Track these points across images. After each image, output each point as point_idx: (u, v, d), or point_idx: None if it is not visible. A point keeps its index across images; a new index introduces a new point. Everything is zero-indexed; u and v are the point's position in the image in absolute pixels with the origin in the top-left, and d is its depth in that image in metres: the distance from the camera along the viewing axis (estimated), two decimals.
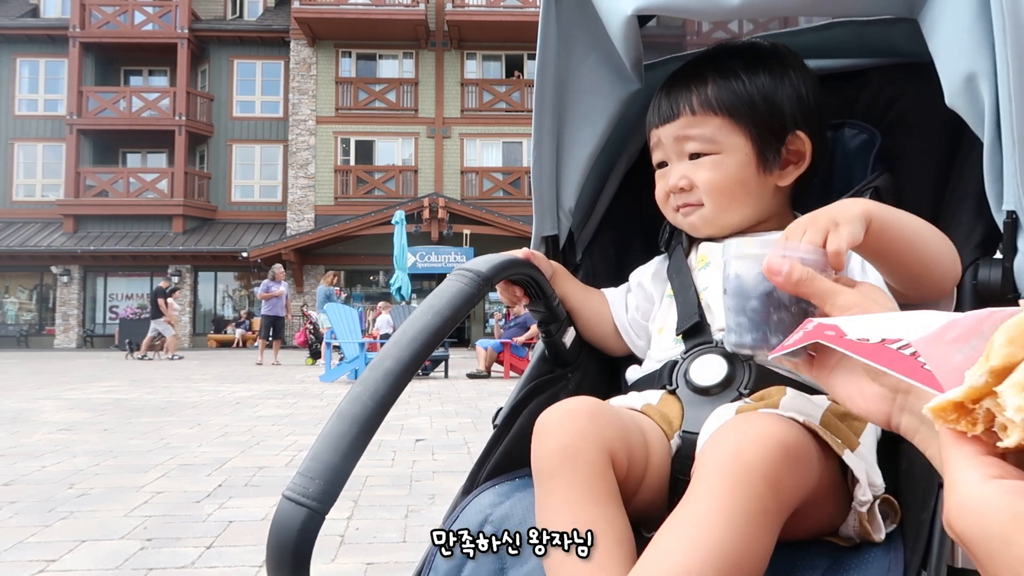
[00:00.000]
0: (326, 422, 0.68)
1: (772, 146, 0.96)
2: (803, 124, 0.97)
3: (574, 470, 0.74)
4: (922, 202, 1.00)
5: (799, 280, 0.60)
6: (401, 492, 3.58)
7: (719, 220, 0.98)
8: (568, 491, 0.74)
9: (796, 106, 0.96)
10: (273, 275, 13.72)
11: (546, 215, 1.17)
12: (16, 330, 23.65)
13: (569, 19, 1.13)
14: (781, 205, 1.00)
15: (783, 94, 0.96)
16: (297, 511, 0.62)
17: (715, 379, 0.89)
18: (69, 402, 7.59)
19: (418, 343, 0.74)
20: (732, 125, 0.96)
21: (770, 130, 0.96)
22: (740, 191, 0.96)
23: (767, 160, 0.96)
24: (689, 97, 0.98)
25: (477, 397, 8.13)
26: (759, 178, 0.96)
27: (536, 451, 0.78)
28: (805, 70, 1.00)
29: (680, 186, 0.98)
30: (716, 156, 0.96)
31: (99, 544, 2.75)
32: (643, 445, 0.82)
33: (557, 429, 0.77)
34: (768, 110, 0.95)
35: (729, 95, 0.96)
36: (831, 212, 0.70)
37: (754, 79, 0.96)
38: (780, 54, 1.00)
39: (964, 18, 0.83)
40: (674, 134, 0.99)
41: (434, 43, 23.07)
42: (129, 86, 24.40)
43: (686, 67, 1.02)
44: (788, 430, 0.71)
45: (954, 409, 0.39)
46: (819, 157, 0.99)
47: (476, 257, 0.91)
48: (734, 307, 0.65)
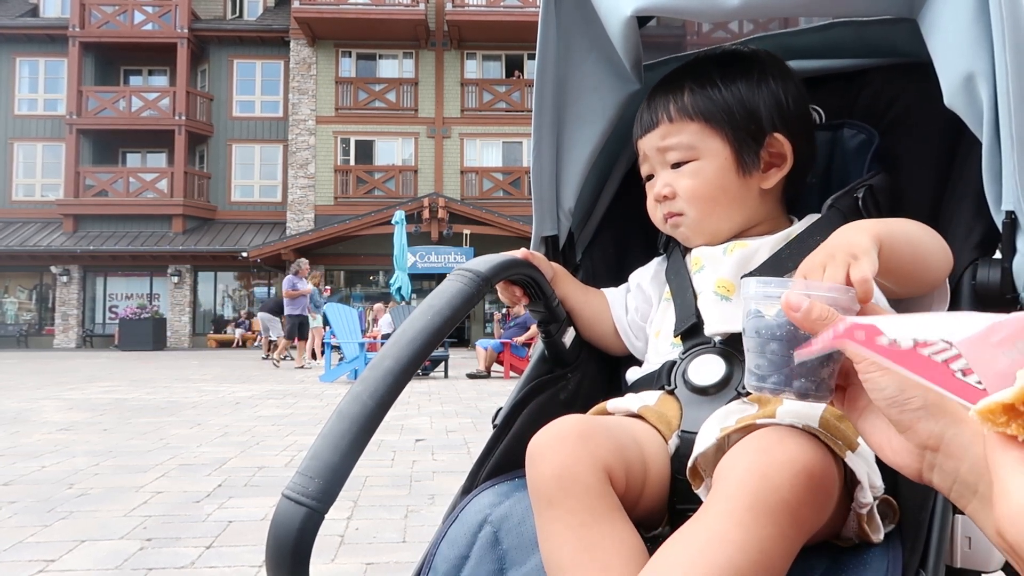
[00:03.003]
0: (326, 421, 0.68)
1: (750, 149, 0.96)
2: (781, 126, 0.96)
3: (573, 495, 0.73)
4: (921, 202, 1.00)
5: (818, 318, 0.57)
6: (401, 492, 3.58)
7: (705, 227, 0.98)
8: (571, 516, 0.73)
9: (774, 108, 0.96)
10: (297, 270, 12.05)
11: (546, 215, 1.17)
12: (15, 330, 23.66)
13: (569, 19, 1.13)
14: (771, 208, 1.00)
15: (759, 97, 0.97)
16: (296, 510, 0.62)
17: (713, 379, 0.89)
18: (69, 402, 7.59)
19: (418, 343, 0.74)
20: (709, 129, 0.96)
21: (747, 133, 0.96)
22: (722, 196, 0.96)
23: (746, 163, 0.96)
24: (667, 105, 0.99)
25: (477, 397, 8.13)
26: (740, 181, 0.96)
27: (531, 477, 0.77)
28: (786, 73, 1.01)
29: (664, 194, 0.99)
30: (696, 163, 0.97)
31: (99, 544, 2.75)
32: (639, 455, 0.81)
33: (549, 453, 0.76)
34: (744, 113, 0.96)
35: (704, 100, 0.97)
36: (846, 246, 0.70)
37: (729, 84, 0.97)
38: (759, 59, 1.01)
39: (963, 18, 0.83)
40: (655, 144, 1.00)
41: (434, 43, 23.07)
42: (129, 86, 24.40)
43: (665, 78, 1.04)
44: (815, 456, 0.69)
45: (1003, 411, 0.38)
46: (804, 158, 0.99)
47: (476, 257, 0.91)
48: (754, 348, 0.62)
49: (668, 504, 0.84)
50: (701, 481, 0.79)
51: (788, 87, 0.99)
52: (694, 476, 0.80)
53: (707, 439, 0.79)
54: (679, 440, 0.86)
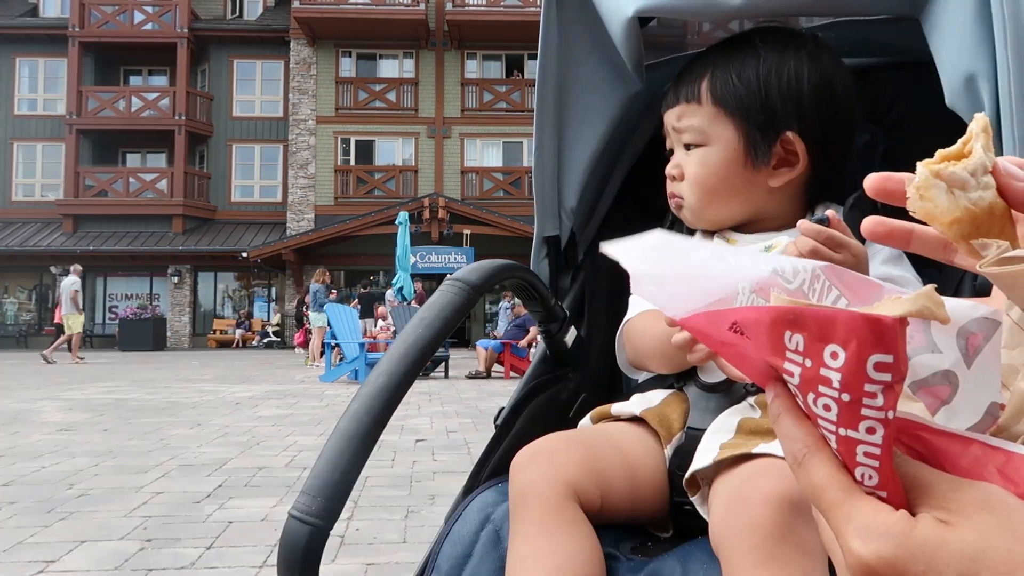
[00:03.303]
0: (327, 440, 0.71)
1: (762, 142, 0.93)
2: (797, 125, 0.92)
3: (530, 507, 0.78)
4: None
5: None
6: (401, 493, 3.58)
7: (704, 215, 0.97)
8: (528, 526, 0.78)
9: (793, 106, 0.92)
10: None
11: (548, 215, 1.17)
12: (15, 330, 23.66)
13: (570, 19, 1.13)
14: (784, 204, 0.96)
15: (780, 91, 0.92)
16: (302, 528, 0.65)
17: (722, 375, 0.89)
18: (69, 402, 7.59)
19: (410, 357, 0.77)
20: (723, 116, 0.94)
21: (759, 126, 0.93)
22: (722, 188, 0.94)
23: (755, 157, 0.93)
24: (690, 85, 0.97)
25: (477, 397, 8.13)
26: (746, 174, 0.93)
27: (509, 489, 0.83)
28: (826, 70, 0.94)
29: (672, 174, 0.98)
30: (705, 149, 0.95)
31: (99, 545, 2.75)
32: (621, 464, 0.83)
33: (518, 470, 0.82)
34: (759, 105, 0.92)
35: (723, 85, 0.94)
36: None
37: (754, 72, 0.93)
38: (805, 48, 0.95)
39: (964, 18, 0.83)
40: (673, 123, 0.99)
41: (434, 43, 23.08)
42: (128, 86, 24.41)
43: (700, 55, 1.01)
44: (789, 480, 0.68)
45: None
46: (826, 161, 0.95)
47: (470, 264, 0.91)
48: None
49: (670, 502, 0.85)
50: (697, 489, 0.80)
51: (822, 84, 0.93)
52: (690, 485, 0.80)
53: (705, 457, 0.79)
54: (684, 437, 0.86)
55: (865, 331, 0.30)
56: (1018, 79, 0.79)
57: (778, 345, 0.32)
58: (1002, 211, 0.37)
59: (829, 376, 0.31)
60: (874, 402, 0.31)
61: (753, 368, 0.36)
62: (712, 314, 0.35)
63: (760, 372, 0.35)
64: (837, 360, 0.31)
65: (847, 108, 0.95)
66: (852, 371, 0.30)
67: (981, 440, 0.34)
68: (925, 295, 0.33)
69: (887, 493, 0.32)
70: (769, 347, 0.33)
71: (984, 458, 0.33)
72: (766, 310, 0.33)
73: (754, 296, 0.37)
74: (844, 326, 0.30)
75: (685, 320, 0.36)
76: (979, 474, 0.33)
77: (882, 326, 0.30)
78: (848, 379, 0.30)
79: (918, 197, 0.37)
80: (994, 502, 0.31)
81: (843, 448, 0.32)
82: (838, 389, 0.31)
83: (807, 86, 0.93)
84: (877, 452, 0.31)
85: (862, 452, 0.32)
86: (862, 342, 0.30)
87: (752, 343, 0.33)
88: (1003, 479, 0.32)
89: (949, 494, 0.32)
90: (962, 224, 0.37)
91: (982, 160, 0.37)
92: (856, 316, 0.30)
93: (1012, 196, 0.37)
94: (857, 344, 0.30)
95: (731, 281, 0.38)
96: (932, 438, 0.34)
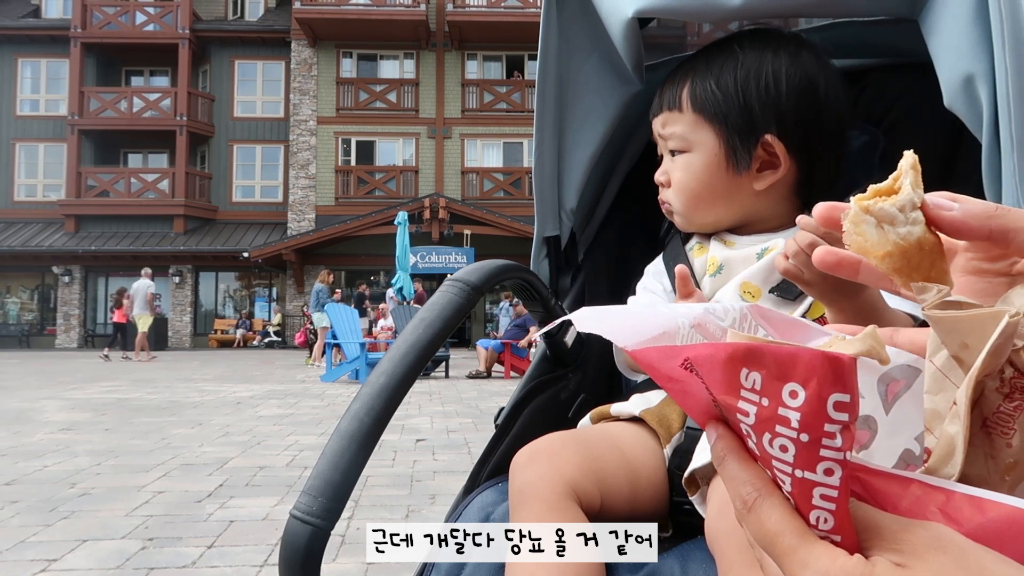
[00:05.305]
0: (328, 440, 0.71)
1: (741, 147, 0.93)
2: (777, 128, 0.92)
3: (528, 507, 0.79)
4: None
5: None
6: (402, 492, 3.58)
7: (692, 220, 0.99)
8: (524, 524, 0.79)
9: (772, 109, 0.92)
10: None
11: (548, 216, 1.18)
12: (17, 330, 23.68)
13: (570, 20, 1.13)
14: (773, 206, 0.96)
15: (758, 95, 0.92)
16: (303, 529, 0.66)
17: None
18: (70, 402, 7.60)
19: (411, 357, 0.77)
20: (703, 123, 0.95)
21: (738, 130, 0.93)
22: (706, 193, 0.95)
23: (736, 162, 0.93)
24: (671, 92, 0.98)
25: (478, 397, 8.13)
26: (729, 179, 0.94)
27: (509, 488, 0.84)
28: (808, 73, 0.94)
29: (660, 181, 1.00)
30: (688, 155, 0.96)
31: (100, 544, 2.75)
32: (621, 463, 0.84)
33: (517, 470, 0.82)
34: (738, 110, 0.93)
35: (702, 92, 0.95)
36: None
37: (733, 77, 0.93)
38: (787, 51, 0.95)
39: (962, 20, 0.83)
40: (658, 130, 1.00)
41: (435, 43, 23.09)
42: (130, 86, 24.43)
43: (684, 62, 1.02)
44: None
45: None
46: (811, 164, 0.95)
47: (471, 264, 0.92)
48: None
49: (670, 499, 0.85)
50: (697, 489, 0.80)
51: (802, 85, 0.92)
52: (689, 484, 0.80)
53: (704, 456, 0.79)
54: (683, 437, 0.86)
55: (826, 369, 0.30)
56: (1016, 80, 0.79)
57: (733, 382, 0.31)
58: (931, 246, 0.38)
59: (788, 416, 0.30)
60: (833, 442, 0.30)
61: (696, 407, 0.35)
62: (666, 349, 0.34)
63: (702, 411, 0.35)
64: (796, 399, 0.30)
65: (833, 106, 0.95)
66: (812, 410, 0.30)
67: (920, 480, 0.33)
68: (871, 335, 0.33)
69: (841, 537, 0.31)
70: (723, 384, 0.32)
71: (924, 498, 0.33)
72: (722, 346, 0.32)
73: (693, 331, 0.38)
74: (805, 364, 0.30)
75: (636, 352, 0.35)
76: (921, 514, 0.32)
77: (841, 365, 0.30)
78: (807, 419, 0.30)
79: (852, 231, 0.38)
80: (945, 541, 0.30)
81: (798, 491, 0.31)
82: (796, 429, 0.30)
83: (786, 88, 0.92)
84: (834, 495, 0.31)
85: (819, 495, 0.31)
86: (822, 381, 0.30)
87: (705, 380, 0.32)
88: (946, 518, 0.32)
89: (899, 535, 0.31)
90: (893, 258, 0.38)
91: (910, 196, 0.38)
92: (816, 354, 0.30)
93: (945, 226, 0.38)
94: (818, 383, 0.30)
95: (672, 317, 0.38)
96: (870, 479, 0.34)
